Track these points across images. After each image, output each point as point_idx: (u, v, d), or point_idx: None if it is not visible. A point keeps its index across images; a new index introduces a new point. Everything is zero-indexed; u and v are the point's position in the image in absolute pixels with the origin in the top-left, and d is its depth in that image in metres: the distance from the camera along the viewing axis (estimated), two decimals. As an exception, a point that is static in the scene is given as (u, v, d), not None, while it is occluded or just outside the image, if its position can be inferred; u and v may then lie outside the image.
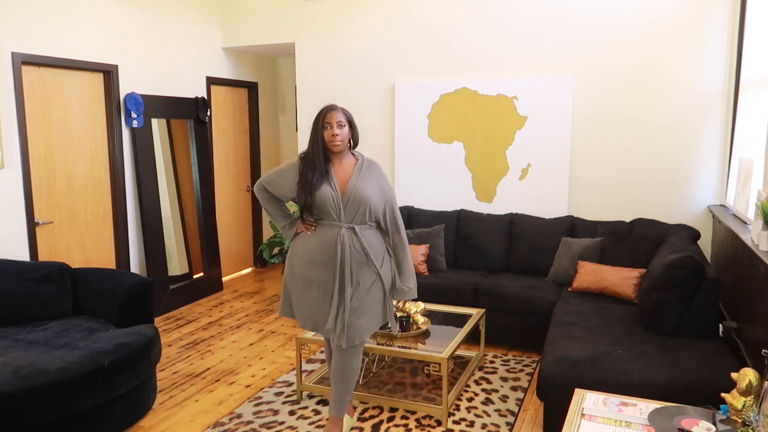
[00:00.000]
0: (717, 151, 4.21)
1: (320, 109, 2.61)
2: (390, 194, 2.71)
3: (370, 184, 2.63)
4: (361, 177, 2.62)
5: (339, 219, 2.59)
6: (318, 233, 2.63)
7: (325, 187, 2.56)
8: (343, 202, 2.58)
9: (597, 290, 3.80)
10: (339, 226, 2.59)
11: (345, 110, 2.64)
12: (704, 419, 1.71)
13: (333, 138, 2.56)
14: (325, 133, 2.57)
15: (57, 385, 2.54)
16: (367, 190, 2.60)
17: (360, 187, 2.59)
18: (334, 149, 2.59)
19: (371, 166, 2.69)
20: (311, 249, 2.62)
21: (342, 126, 2.58)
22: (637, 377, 2.55)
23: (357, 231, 2.60)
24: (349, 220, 2.60)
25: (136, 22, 4.71)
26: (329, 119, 2.57)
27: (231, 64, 5.87)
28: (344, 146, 2.62)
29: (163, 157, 5.21)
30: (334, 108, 2.60)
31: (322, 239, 2.60)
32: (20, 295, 3.28)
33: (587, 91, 4.49)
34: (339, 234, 2.58)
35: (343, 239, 2.57)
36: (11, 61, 3.73)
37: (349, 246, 2.58)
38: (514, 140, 4.73)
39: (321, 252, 2.60)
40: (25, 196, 3.86)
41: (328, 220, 2.61)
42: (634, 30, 4.31)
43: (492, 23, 4.73)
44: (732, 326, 3.12)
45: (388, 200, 2.69)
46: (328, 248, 2.59)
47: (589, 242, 4.15)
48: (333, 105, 2.62)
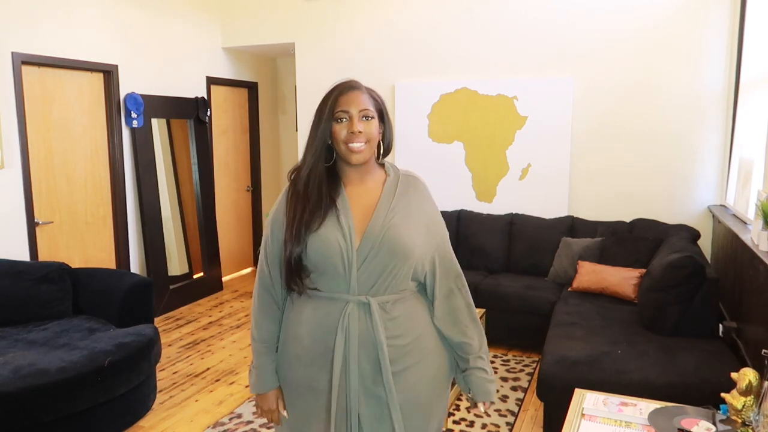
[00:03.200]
0: (717, 151, 4.21)
1: (330, 89, 1.53)
2: (441, 233, 1.60)
3: (411, 218, 1.52)
4: (394, 207, 1.51)
5: (348, 285, 1.47)
6: (311, 307, 1.52)
7: (327, 229, 1.46)
8: (360, 254, 1.46)
9: (597, 290, 3.80)
10: (345, 300, 1.48)
11: (373, 91, 1.57)
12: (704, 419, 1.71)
13: (351, 138, 1.46)
14: (336, 130, 1.48)
15: (57, 385, 2.54)
16: (405, 230, 1.49)
17: (394, 227, 1.48)
18: (352, 159, 1.48)
19: (411, 186, 1.58)
20: (299, 335, 1.53)
21: (369, 118, 1.49)
22: (637, 377, 2.55)
23: (378, 309, 1.47)
24: (367, 287, 1.48)
25: (136, 22, 4.71)
26: (345, 104, 1.48)
27: (231, 64, 5.87)
28: (370, 154, 1.51)
29: (163, 157, 5.21)
30: (354, 86, 1.52)
31: (315, 320, 1.51)
32: (20, 295, 3.28)
33: (587, 92, 4.49)
34: (343, 313, 1.47)
35: (349, 324, 1.47)
36: (11, 61, 3.73)
37: (359, 337, 1.47)
38: (514, 140, 4.73)
39: (311, 340, 1.52)
40: (25, 196, 3.86)
41: (330, 289, 1.50)
42: (634, 30, 4.31)
43: (492, 23, 4.73)
44: (732, 326, 3.12)
45: (438, 244, 1.57)
46: (322, 336, 1.50)
47: (589, 242, 4.15)
48: (353, 81, 1.53)
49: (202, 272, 5.53)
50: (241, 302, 5.31)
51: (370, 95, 1.54)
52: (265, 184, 6.49)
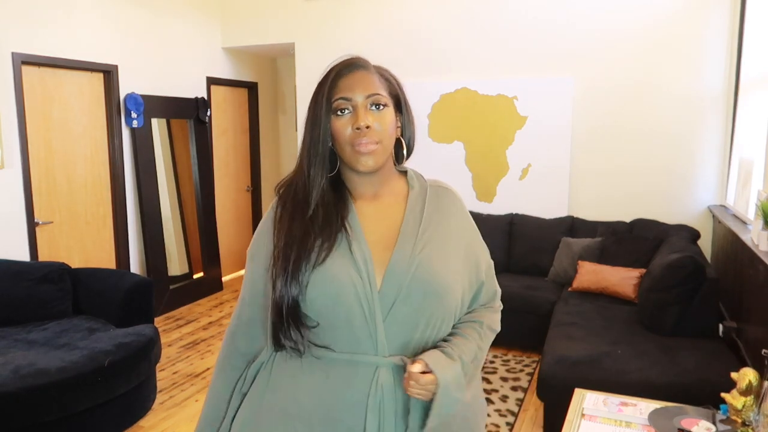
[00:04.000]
0: (717, 152, 4.21)
1: (326, 70, 1.16)
2: (484, 259, 1.25)
3: (448, 245, 1.15)
4: (424, 232, 1.13)
5: (374, 342, 1.06)
6: (320, 374, 1.08)
7: (335, 262, 1.06)
8: (384, 298, 1.06)
9: (597, 290, 3.80)
10: (373, 365, 1.06)
11: (385, 71, 1.18)
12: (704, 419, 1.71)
13: (358, 136, 1.07)
14: (336, 126, 1.09)
15: (57, 385, 2.54)
16: (442, 262, 1.12)
17: (426, 259, 1.09)
18: (360, 166, 1.09)
19: (443, 202, 1.21)
20: (301, 414, 1.08)
21: (381, 106, 1.10)
22: (637, 377, 2.55)
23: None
24: (401, 343, 1.07)
25: (136, 22, 4.71)
26: (347, 89, 1.10)
27: (231, 64, 5.87)
28: (384, 158, 1.12)
29: (163, 157, 5.21)
30: (358, 64, 1.14)
31: (328, 393, 1.07)
32: (20, 295, 3.28)
33: (587, 92, 4.49)
34: (373, 384, 1.05)
35: (383, 399, 1.05)
36: (11, 61, 3.73)
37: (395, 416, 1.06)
38: (514, 140, 4.73)
39: (322, 424, 1.07)
40: (25, 196, 3.86)
41: (349, 348, 1.07)
42: (634, 30, 4.31)
43: (492, 23, 4.73)
44: (732, 326, 3.12)
45: (479, 274, 1.22)
46: (341, 416, 1.06)
47: (589, 242, 4.15)
48: (356, 58, 1.15)
49: (202, 272, 5.53)
50: (241, 302, 5.31)
51: (381, 75, 1.15)
52: (265, 184, 6.49)
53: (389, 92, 1.14)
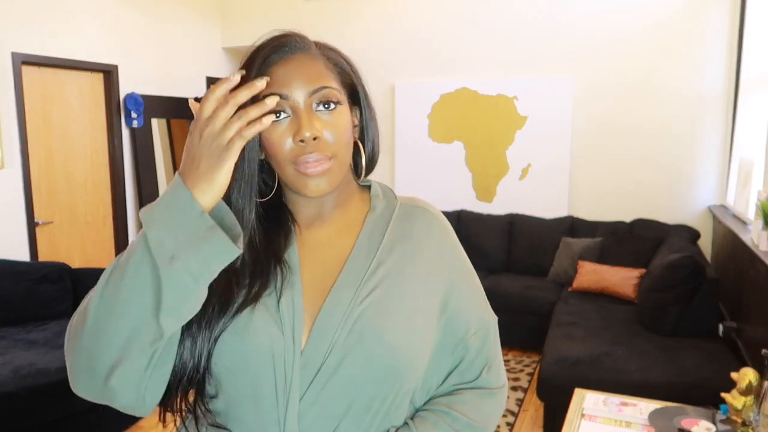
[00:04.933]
0: (717, 152, 4.21)
1: (248, 53, 0.79)
2: (470, 313, 0.90)
3: (412, 293, 0.82)
4: (376, 270, 0.81)
5: (281, 429, 0.75)
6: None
7: (254, 313, 0.77)
8: (307, 364, 0.76)
9: (597, 290, 3.80)
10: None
11: (332, 50, 0.85)
12: (704, 419, 1.71)
13: (302, 152, 0.76)
14: (270, 137, 0.78)
15: (57, 385, 2.54)
16: (396, 318, 0.79)
17: (370, 313, 0.78)
18: (307, 191, 0.77)
19: (414, 226, 0.87)
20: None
21: (332, 104, 0.77)
22: (637, 377, 2.55)
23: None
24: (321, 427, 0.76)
25: (136, 22, 4.71)
26: (278, 83, 0.76)
27: (231, 64, 5.87)
28: (340, 177, 0.79)
29: (163, 157, 5.21)
30: (294, 44, 0.78)
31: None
32: (20, 295, 3.28)
33: (587, 92, 4.49)
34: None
35: None
36: (11, 61, 3.73)
37: None
38: (514, 140, 4.73)
39: None
40: (25, 196, 3.86)
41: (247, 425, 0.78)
42: (634, 31, 4.31)
43: (492, 23, 4.73)
44: (732, 326, 3.12)
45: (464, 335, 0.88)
46: None
47: (589, 242, 4.15)
48: (289, 35, 0.79)
49: (202, 272, 5.53)
50: (241, 302, 5.31)
51: (327, 59, 0.81)
52: (265, 184, 6.49)
53: (341, 82, 0.81)
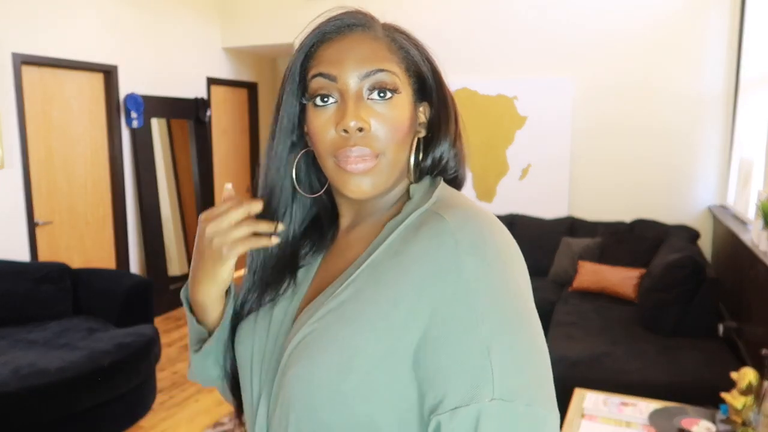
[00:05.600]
0: (717, 152, 4.21)
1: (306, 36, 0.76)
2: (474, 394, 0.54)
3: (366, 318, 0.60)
4: (348, 284, 0.64)
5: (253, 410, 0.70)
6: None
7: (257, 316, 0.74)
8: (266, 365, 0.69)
9: (597, 290, 3.80)
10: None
11: (399, 31, 0.77)
12: (704, 419, 1.71)
13: (344, 144, 0.65)
14: (314, 123, 0.67)
15: (57, 385, 2.54)
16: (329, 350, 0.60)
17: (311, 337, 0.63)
18: (347, 190, 0.67)
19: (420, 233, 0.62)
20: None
21: (387, 92, 0.66)
22: (637, 377, 2.55)
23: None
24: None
25: (136, 22, 4.71)
26: (328, 62, 0.68)
27: (231, 64, 5.87)
28: (387, 182, 0.67)
29: (163, 157, 5.21)
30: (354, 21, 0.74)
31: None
32: (20, 295, 3.28)
33: (587, 92, 4.49)
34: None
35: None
36: (11, 61, 3.73)
37: None
38: (514, 140, 4.73)
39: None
40: (25, 196, 3.86)
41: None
42: (635, 31, 4.31)
43: (491, 23, 4.73)
44: (732, 326, 3.12)
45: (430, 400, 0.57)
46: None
47: (589, 242, 4.15)
48: (352, 11, 0.76)
49: (202, 272, 5.53)
50: (241, 302, 5.31)
51: (392, 40, 0.73)
52: (265, 184, 6.49)
53: (406, 69, 0.70)
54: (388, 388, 0.59)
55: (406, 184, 0.72)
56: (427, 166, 0.72)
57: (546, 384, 0.58)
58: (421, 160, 0.72)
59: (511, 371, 0.55)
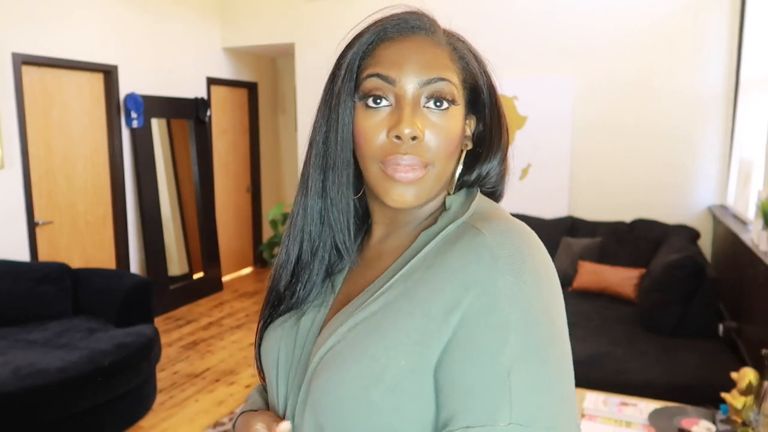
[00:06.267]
0: (717, 152, 4.21)
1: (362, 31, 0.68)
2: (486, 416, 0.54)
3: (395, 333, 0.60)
4: (377, 296, 0.64)
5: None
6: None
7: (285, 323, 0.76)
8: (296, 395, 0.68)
9: (597, 290, 3.80)
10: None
11: (461, 40, 0.76)
12: (704, 419, 1.71)
13: (394, 151, 0.63)
14: (363, 125, 0.65)
15: (57, 385, 2.54)
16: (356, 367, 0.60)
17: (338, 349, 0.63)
18: (388, 198, 0.65)
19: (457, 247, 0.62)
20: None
21: (444, 102, 0.65)
22: (637, 377, 2.55)
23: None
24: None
25: (136, 22, 4.71)
26: (388, 63, 0.65)
27: (231, 64, 5.87)
28: (430, 192, 0.67)
29: (163, 157, 5.21)
30: (418, 24, 0.68)
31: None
32: (20, 295, 3.28)
33: (587, 92, 4.49)
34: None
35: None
36: (11, 61, 3.73)
37: None
38: (514, 140, 4.72)
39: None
40: (25, 196, 3.86)
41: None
42: (635, 31, 4.31)
43: (492, 23, 4.73)
44: (732, 326, 3.12)
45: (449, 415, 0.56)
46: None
47: (589, 242, 4.15)
48: (416, 12, 0.70)
49: (202, 272, 5.53)
50: (241, 302, 5.31)
51: (454, 49, 0.71)
52: (264, 185, 6.49)
53: (463, 80, 0.69)
54: (415, 400, 0.58)
55: (444, 195, 0.71)
56: (470, 180, 0.71)
57: (569, 409, 0.57)
58: (466, 174, 0.71)
59: (532, 395, 0.55)
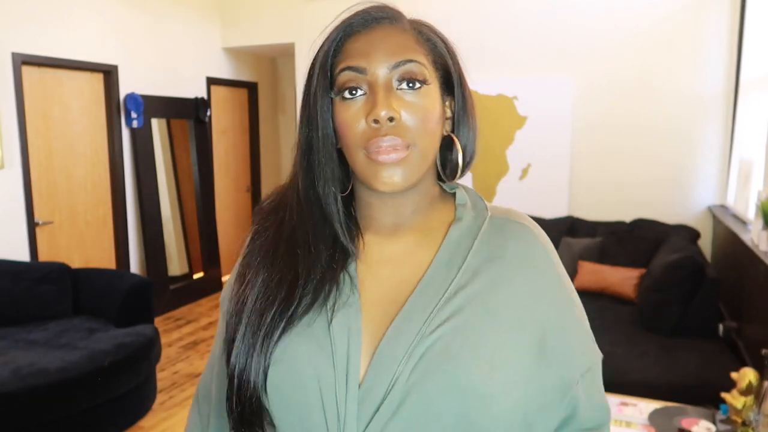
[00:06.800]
0: (717, 152, 4.21)
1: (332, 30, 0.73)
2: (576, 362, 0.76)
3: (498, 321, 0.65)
4: (452, 297, 0.65)
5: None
6: None
7: (300, 335, 0.66)
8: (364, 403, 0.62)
9: (597, 290, 3.80)
10: None
11: (426, 26, 0.79)
12: (704, 419, 1.71)
13: (375, 135, 0.64)
14: (341, 116, 0.67)
15: (57, 385, 2.54)
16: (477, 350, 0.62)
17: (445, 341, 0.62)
18: (377, 183, 0.66)
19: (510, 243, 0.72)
20: None
21: (416, 83, 0.67)
22: (637, 377, 2.55)
23: None
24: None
25: (136, 22, 4.71)
26: (356, 54, 0.68)
27: (231, 64, 5.87)
28: (419, 173, 0.68)
29: (163, 157, 5.21)
30: (382, 14, 0.73)
31: None
32: (20, 295, 3.28)
33: (587, 92, 4.49)
34: None
35: None
36: (11, 61, 3.73)
37: None
38: (514, 140, 4.72)
39: None
40: (25, 196, 3.86)
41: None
42: (635, 31, 4.31)
43: (492, 23, 4.73)
44: (732, 326, 3.12)
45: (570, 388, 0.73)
46: None
47: (589, 242, 4.15)
48: (379, 5, 0.74)
49: (202, 272, 5.53)
50: (241, 302, 5.31)
51: (420, 33, 0.75)
52: (265, 185, 6.49)
53: (433, 61, 0.72)
54: (518, 370, 0.65)
55: (436, 186, 0.75)
56: (455, 162, 0.74)
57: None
58: (458, 150, 0.74)
59: (592, 336, 0.78)
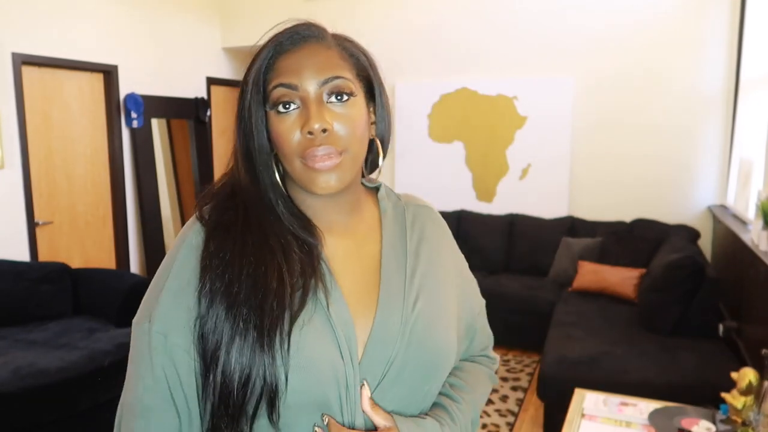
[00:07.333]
0: (717, 151, 4.21)
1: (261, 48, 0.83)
2: (475, 299, 1.00)
3: (441, 291, 0.85)
4: (413, 273, 0.82)
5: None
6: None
7: (311, 329, 0.72)
8: (365, 376, 0.75)
9: (597, 290, 3.80)
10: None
11: (349, 41, 0.83)
12: (704, 419, 1.72)
13: (311, 145, 0.72)
14: (277, 129, 0.75)
15: (57, 385, 2.54)
16: (440, 318, 0.82)
17: (423, 316, 0.79)
18: (315, 187, 0.74)
19: (427, 226, 0.89)
20: None
21: (344, 95, 0.75)
22: (636, 377, 2.56)
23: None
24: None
25: (136, 22, 4.71)
26: (288, 72, 0.76)
27: (231, 64, 5.87)
28: (352, 174, 0.76)
29: (163, 157, 5.21)
30: (308, 33, 0.82)
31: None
32: (20, 295, 3.28)
33: (587, 92, 4.49)
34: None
35: None
36: (11, 61, 3.73)
37: None
38: (514, 140, 4.73)
39: None
40: (25, 196, 3.86)
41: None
42: (635, 31, 4.31)
43: (492, 23, 4.73)
44: (732, 326, 3.12)
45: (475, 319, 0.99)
46: None
47: (589, 242, 4.15)
48: (304, 23, 0.84)
49: (202, 272, 5.53)
50: (241, 302, 5.31)
51: (343, 49, 0.79)
52: (265, 184, 6.49)
53: (357, 74, 0.78)
54: (457, 320, 0.88)
55: (358, 180, 0.83)
56: (380, 151, 0.84)
57: None
58: (378, 149, 0.83)
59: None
